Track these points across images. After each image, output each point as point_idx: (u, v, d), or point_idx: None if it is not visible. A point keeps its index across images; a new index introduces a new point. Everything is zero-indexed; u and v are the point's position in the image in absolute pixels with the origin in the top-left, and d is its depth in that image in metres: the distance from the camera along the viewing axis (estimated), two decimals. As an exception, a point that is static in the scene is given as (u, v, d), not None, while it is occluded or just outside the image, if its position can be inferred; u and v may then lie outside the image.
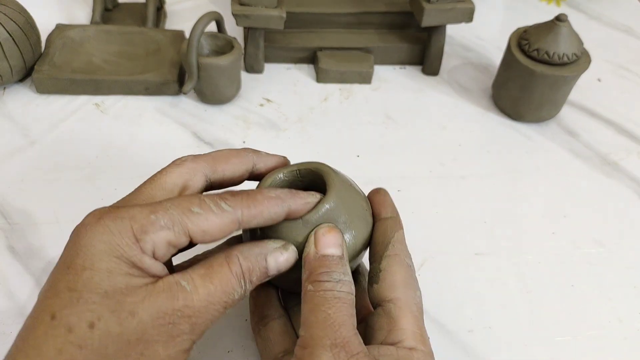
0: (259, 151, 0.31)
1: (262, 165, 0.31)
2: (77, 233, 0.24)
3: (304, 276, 0.27)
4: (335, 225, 0.28)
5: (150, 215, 0.24)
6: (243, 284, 0.25)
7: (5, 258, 0.38)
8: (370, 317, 0.28)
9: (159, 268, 0.24)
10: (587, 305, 0.38)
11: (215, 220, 0.25)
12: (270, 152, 0.32)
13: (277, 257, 0.27)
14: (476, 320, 0.37)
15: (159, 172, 0.28)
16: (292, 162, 0.32)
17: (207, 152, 0.29)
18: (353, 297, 0.26)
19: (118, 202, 0.27)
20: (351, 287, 0.26)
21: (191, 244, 0.25)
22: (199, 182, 0.28)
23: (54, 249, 0.38)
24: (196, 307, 0.23)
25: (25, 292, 0.36)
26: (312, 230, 0.27)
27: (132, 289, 0.23)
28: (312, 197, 0.28)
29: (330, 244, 0.27)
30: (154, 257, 0.24)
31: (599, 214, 0.44)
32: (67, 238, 0.24)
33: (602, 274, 0.40)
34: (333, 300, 0.25)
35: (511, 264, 0.40)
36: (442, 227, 0.42)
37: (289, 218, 0.27)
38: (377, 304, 0.28)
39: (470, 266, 0.40)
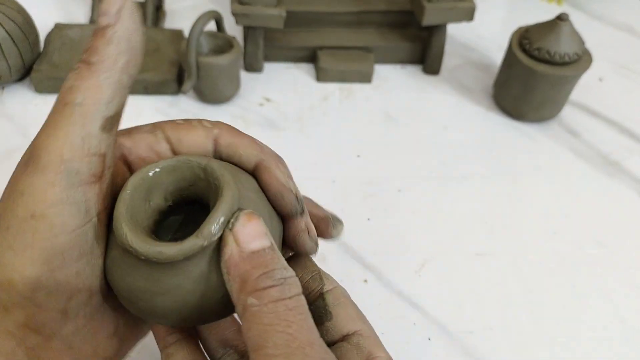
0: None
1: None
2: None
3: (233, 287, 0.20)
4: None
5: None
6: None
7: (3, 258, 0.37)
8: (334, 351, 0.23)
9: None
10: (589, 306, 0.38)
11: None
12: None
13: None
14: (477, 321, 0.36)
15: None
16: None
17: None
18: (302, 296, 0.20)
19: None
20: (298, 283, 0.21)
21: None
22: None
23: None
24: None
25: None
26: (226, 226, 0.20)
27: None
28: None
29: (255, 235, 0.20)
30: None
31: (600, 214, 0.44)
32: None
33: (604, 274, 0.40)
34: (288, 314, 0.19)
35: (512, 264, 0.40)
36: (442, 227, 0.42)
37: None
38: (336, 340, 0.23)
39: (470, 266, 0.39)
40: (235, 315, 0.24)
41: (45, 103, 0.49)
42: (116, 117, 0.21)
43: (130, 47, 0.21)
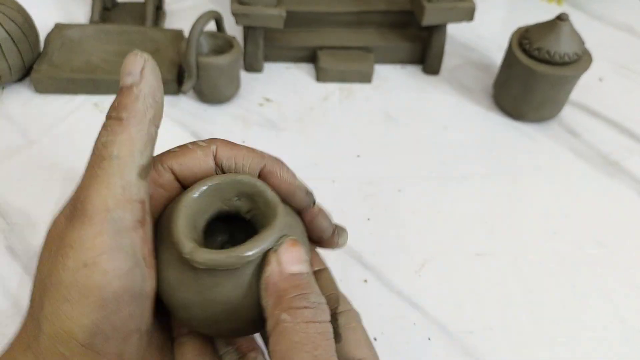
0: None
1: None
2: None
3: (269, 303, 0.22)
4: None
5: None
6: None
7: (4, 258, 0.38)
8: None
9: None
10: (589, 306, 0.38)
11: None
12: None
13: None
14: (477, 321, 0.36)
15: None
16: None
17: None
18: (330, 323, 0.22)
19: None
20: (328, 311, 0.22)
21: None
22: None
23: (53, 250, 0.38)
24: None
25: (24, 293, 0.36)
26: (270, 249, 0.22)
27: None
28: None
29: (297, 260, 0.22)
30: None
31: (600, 214, 0.44)
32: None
33: (604, 274, 0.40)
34: (317, 337, 0.21)
35: (512, 264, 0.40)
36: (442, 227, 0.42)
37: None
38: None
39: (470, 266, 0.39)
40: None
41: (45, 103, 0.49)
42: (149, 165, 0.23)
43: (155, 102, 0.22)
